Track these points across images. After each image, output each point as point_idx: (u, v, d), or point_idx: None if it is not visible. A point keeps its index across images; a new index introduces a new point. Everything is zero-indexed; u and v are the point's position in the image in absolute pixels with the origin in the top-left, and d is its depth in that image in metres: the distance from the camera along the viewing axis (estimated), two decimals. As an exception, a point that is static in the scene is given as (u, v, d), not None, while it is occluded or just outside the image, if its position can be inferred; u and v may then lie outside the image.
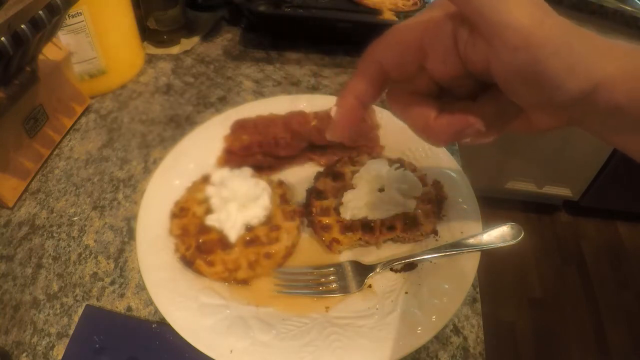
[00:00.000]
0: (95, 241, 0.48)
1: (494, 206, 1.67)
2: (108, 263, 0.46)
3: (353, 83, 0.28)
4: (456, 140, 0.27)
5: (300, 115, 0.57)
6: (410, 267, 0.44)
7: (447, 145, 0.28)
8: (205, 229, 0.45)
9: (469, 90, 0.27)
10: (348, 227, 0.46)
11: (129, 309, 0.43)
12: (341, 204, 0.47)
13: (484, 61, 0.23)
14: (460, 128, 0.26)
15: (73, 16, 0.57)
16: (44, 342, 0.40)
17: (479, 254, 0.43)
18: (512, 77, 0.23)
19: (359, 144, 0.55)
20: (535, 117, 0.26)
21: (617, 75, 0.21)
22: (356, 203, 0.46)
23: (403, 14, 0.72)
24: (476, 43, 0.23)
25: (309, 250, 0.46)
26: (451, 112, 0.26)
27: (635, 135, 0.23)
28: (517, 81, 0.23)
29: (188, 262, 0.43)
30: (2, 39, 0.39)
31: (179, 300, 0.40)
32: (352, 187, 0.48)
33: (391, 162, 0.51)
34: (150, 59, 0.73)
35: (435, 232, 0.46)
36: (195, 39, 0.77)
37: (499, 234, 0.45)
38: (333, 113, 0.29)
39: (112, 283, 0.45)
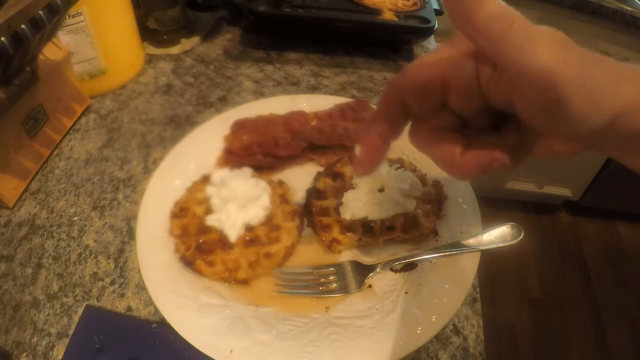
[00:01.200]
0: (95, 241, 0.48)
1: (494, 206, 1.67)
2: (108, 263, 0.46)
3: (375, 119, 0.28)
4: (482, 174, 0.27)
5: (300, 115, 0.57)
6: (410, 267, 0.44)
7: (472, 179, 0.28)
8: (205, 229, 0.45)
9: (491, 121, 0.27)
10: (348, 227, 0.46)
11: (129, 309, 0.43)
12: (341, 204, 0.47)
13: (507, 97, 0.23)
14: (487, 163, 0.26)
15: (73, 16, 0.57)
16: (44, 342, 0.40)
17: (479, 254, 0.43)
18: (536, 114, 0.23)
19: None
20: (556, 145, 0.27)
21: (635, 102, 0.22)
22: (356, 203, 0.46)
23: (403, 14, 0.72)
24: (499, 81, 0.23)
25: (309, 250, 0.46)
26: (476, 147, 0.26)
27: None
28: (541, 116, 0.23)
29: (188, 262, 0.43)
30: (2, 39, 0.39)
31: (179, 300, 0.40)
32: (352, 187, 0.48)
33: (391, 162, 0.51)
34: (150, 59, 0.73)
35: (435, 232, 0.46)
36: (195, 39, 0.77)
37: (499, 234, 0.45)
38: (357, 151, 0.29)
39: (112, 283, 0.45)
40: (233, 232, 0.44)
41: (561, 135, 0.24)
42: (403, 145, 0.54)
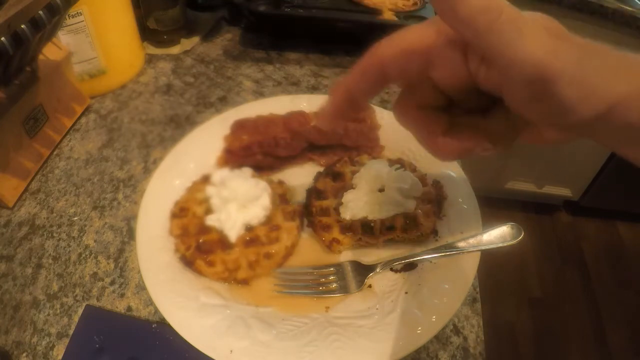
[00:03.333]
0: (95, 241, 0.48)
1: (494, 206, 1.67)
2: (108, 263, 0.46)
3: (350, 78, 0.27)
4: (462, 158, 0.27)
5: (300, 115, 0.57)
6: (410, 267, 0.44)
7: (452, 160, 0.28)
8: (205, 229, 0.45)
9: (480, 103, 0.26)
10: (348, 227, 0.46)
11: (129, 309, 0.43)
12: (341, 204, 0.47)
13: (496, 85, 0.23)
14: (468, 149, 0.26)
15: (73, 16, 0.57)
16: (44, 342, 0.40)
17: (479, 254, 0.43)
18: (525, 104, 0.23)
19: (359, 144, 0.55)
20: (545, 133, 0.26)
21: (629, 95, 0.21)
22: (356, 203, 0.46)
23: (403, 14, 0.72)
24: (489, 69, 0.23)
25: (309, 250, 0.46)
26: (459, 130, 0.26)
27: (637, 146, 0.24)
28: (530, 107, 0.23)
29: (188, 262, 0.43)
30: (2, 39, 0.39)
31: (179, 300, 0.40)
32: (352, 187, 0.48)
33: (391, 162, 0.51)
34: (150, 59, 0.73)
35: (435, 232, 0.46)
36: (195, 39, 0.77)
37: (499, 234, 0.45)
38: (325, 103, 0.28)
39: (112, 283, 0.45)
40: (233, 232, 0.44)
41: (550, 125, 0.24)
42: (403, 145, 0.55)
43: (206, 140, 0.54)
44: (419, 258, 0.43)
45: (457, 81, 0.25)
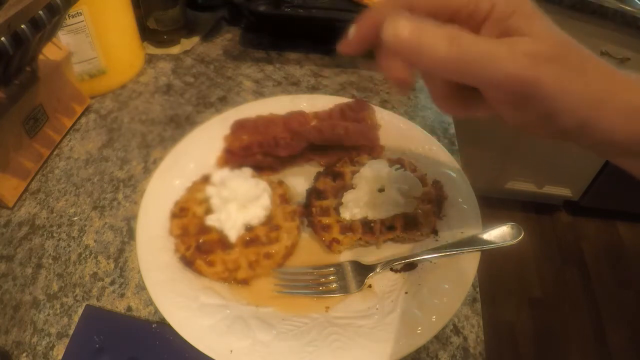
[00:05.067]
0: (95, 241, 0.48)
1: (494, 206, 1.67)
2: (108, 263, 0.46)
3: (381, 9, 0.27)
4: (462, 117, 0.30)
5: (300, 115, 0.57)
6: (410, 267, 0.44)
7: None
8: (205, 229, 0.45)
9: None
10: (348, 227, 0.46)
11: (129, 309, 0.43)
12: (341, 204, 0.47)
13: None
14: (468, 116, 0.29)
15: (73, 16, 0.57)
16: (44, 342, 0.40)
17: (479, 254, 0.43)
18: (502, 108, 0.25)
19: (359, 144, 0.55)
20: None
21: (602, 112, 0.22)
22: (356, 203, 0.46)
23: (403, 14, 0.72)
24: None
25: (309, 250, 0.46)
26: (463, 95, 0.28)
27: (626, 158, 0.25)
28: (506, 112, 0.25)
29: (188, 262, 0.43)
30: (2, 39, 0.39)
31: (179, 300, 0.40)
32: (352, 187, 0.48)
33: (391, 162, 0.51)
34: (150, 59, 0.73)
35: (435, 232, 0.46)
36: (195, 39, 0.77)
37: (499, 234, 0.45)
38: (350, 32, 0.29)
39: (112, 283, 0.45)
40: (233, 232, 0.44)
41: (527, 130, 0.26)
42: (403, 145, 0.55)
43: (206, 140, 0.54)
44: (419, 258, 0.43)
45: None
